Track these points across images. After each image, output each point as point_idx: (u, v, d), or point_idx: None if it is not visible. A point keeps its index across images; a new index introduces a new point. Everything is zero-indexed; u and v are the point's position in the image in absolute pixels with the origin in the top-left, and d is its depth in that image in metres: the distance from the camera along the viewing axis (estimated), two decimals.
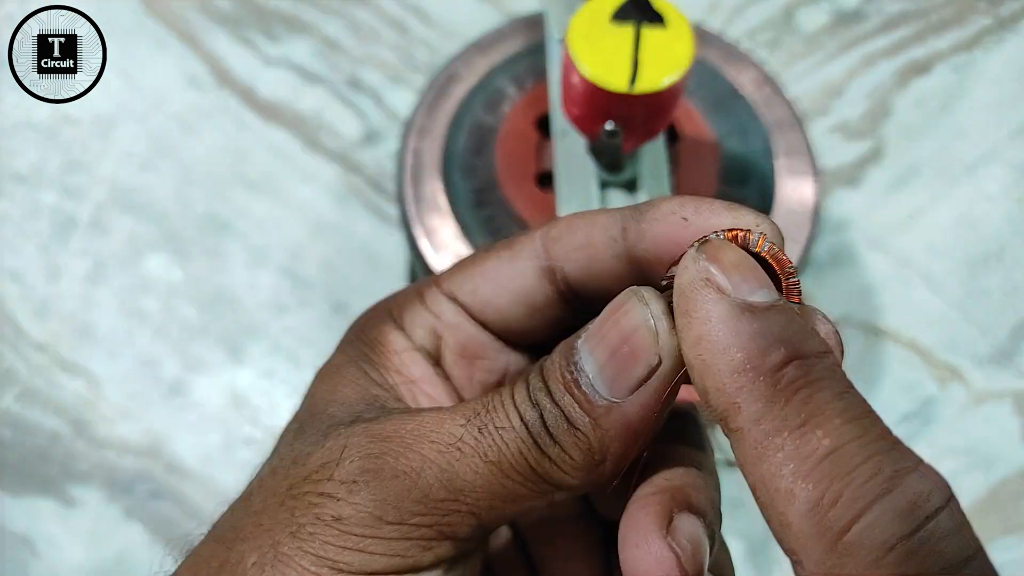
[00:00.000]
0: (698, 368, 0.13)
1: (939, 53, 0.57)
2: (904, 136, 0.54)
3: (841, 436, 0.12)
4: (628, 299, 0.15)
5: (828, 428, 0.12)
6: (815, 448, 0.12)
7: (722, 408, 0.13)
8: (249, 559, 0.16)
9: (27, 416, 0.46)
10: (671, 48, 0.27)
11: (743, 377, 0.13)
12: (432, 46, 0.57)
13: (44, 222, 0.51)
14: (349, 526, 0.16)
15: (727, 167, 0.36)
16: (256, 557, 0.16)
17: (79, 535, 0.43)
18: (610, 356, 0.15)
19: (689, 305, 0.13)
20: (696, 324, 0.13)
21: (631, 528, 0.16)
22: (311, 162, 0.53)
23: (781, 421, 0.12)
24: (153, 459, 0.45)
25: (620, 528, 0.16)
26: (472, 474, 0.16)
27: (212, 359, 0.47)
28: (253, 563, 0.16)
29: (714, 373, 0.13)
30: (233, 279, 0.49)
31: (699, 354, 0.13)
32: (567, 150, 0.33)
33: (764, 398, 0.12)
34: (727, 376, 0.13)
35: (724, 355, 0.13)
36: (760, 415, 0.12)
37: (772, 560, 0.43)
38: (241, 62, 0.55)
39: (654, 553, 0.15)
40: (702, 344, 0.13)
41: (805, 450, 0.12)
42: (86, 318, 0.48)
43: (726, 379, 0.13)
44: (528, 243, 0.19)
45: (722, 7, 0.58)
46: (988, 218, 0.51)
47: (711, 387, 0.13)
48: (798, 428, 0.12)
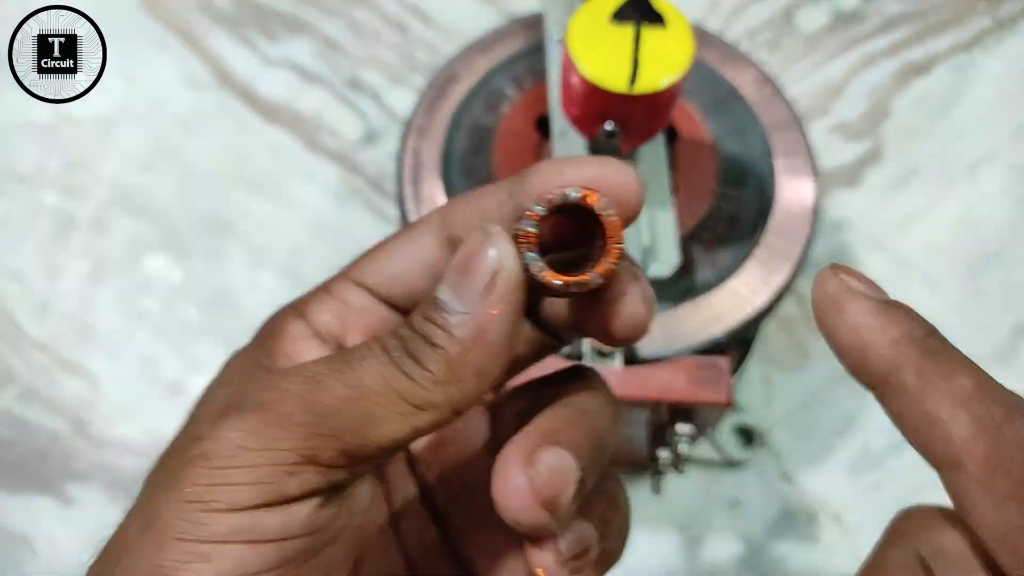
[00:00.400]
0: (857, 345, 0.18)
1: (938, 54, 0.57)
2: (903, 136, 0.54)
3: (978, 377, 0.17)
4: (475, 232, 0.17)
5: (967, 372, 0.17)
6: (964, 386, 0.16)
7: (886, 370, 0.17)
8: (133, 527, 0.17)
9: (27, 415, 0.46)
10: (671, 49, 0.27)
11: (903, 346, 0.17)
12: (432, 46, 0.57)
13: (45, 222, 0.51)
14: (213, 460, 0.16)
15: (726, 167, 0.36)
16: (138, 523, 0.17)
17: (78, 534, 0.43)
18: (458, 274, 0.17)
19: (839, 304, 0.18)
20: (851, 315, 0.18)
21: (497, 464, 0.18)
22: (311, 162, 0.53)
23: (935, 372, 0.17)
24: (152, 458, 0.45)
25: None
26: (332, 398, 0.17)
27: (212, 359, 0.47)
28: (136, 528, 0.17)
29: (875, 346, 0.17)
30: (233, 279, 0.49)
31: (858, 335, 0.18)
32: (566, 150, 0.33)
33: (921, 358, 0.17)
34: (889, 347, 0.17)
35: (884, 333, 0.17)
36: (920, 369, 0.17)
37: (770, 560, 0.43)
38: (241, 62, 0.56)
39: (510, 482, 0.17)
40: (860, 330, 0.18)
41: (957, 388, 0.16)
42: (86, 318, 0.48)
43: (888, 350, 0.17)
44: (427, 220, 0.20)
45: (721, 7, 0.59)
46: (987, 218, 0.52)
47: (874, 357, 0.17)
48: (948, 375, 0.17)
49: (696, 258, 0.34)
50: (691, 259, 0.34)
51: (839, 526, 0.44)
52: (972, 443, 0.16)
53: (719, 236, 0.34)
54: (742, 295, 0.33)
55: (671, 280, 0.33)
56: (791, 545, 0.43)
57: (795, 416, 0.46)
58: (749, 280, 0.33)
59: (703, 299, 0.33)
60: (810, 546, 0.43)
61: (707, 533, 0.43)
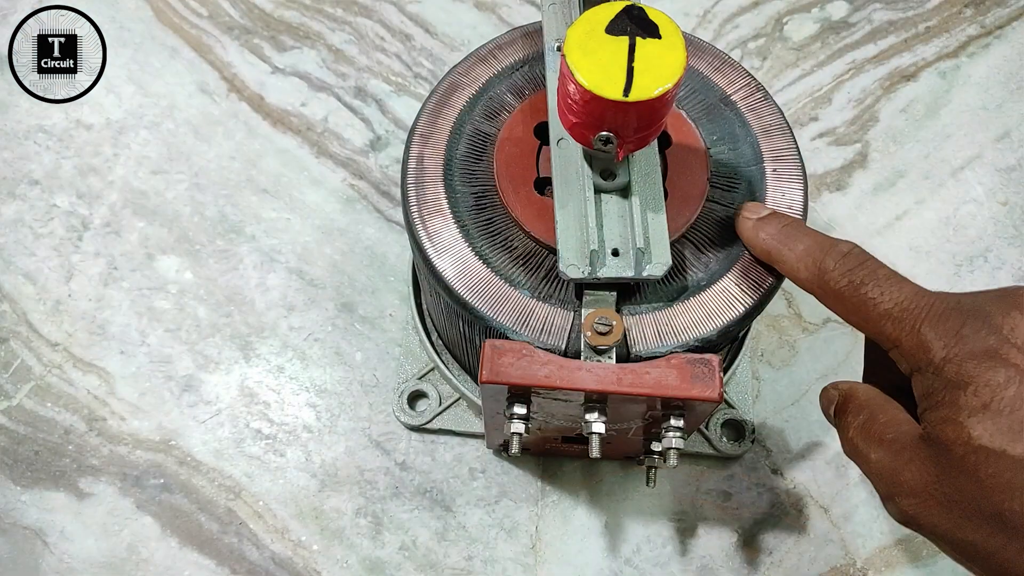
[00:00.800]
0: (752, 244, 0.34)
1: (925, 60, 0.57)
2: (891, 141, 0.55)
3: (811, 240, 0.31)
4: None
5: (803, 239, 0.32)
6: (801, 247, 0.32)
7: (768, 251, 0.33)
8: None
9: (40, 412, 0.46)
10: (664, 58, 0.28)
11: (771, 236, 0.33)
12: (435, 56, 0.58)
13: (58, 224, 0.51)
14: None
15: (717, 172, 0.36)
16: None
17: (91, 528, 0.43)
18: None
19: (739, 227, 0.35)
20: (744, 230, 0.34)
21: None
22: (319, 167, 0.53)
23: (786, 244, 0.32)
24: (165, 453, 0.45)
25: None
26: None
27: (223, 357, 0.48)
28: None
29: (758, 241, 0.33)
30: (243, 280, 0.50)
31: (750, 239, 0.34)
32: (563, 157, 0.34)
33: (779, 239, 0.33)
34: (765, 240, 0.33)
35: (760, 233, 0.34)
36: (778, 246, 0.32)
37: (760, 551, 0.44)
38: (250, 70, 0.56)
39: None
40: (749, 236, 0.34)
41: (798, 249, 0.31)
42: (99, 317, 0.49)
43: (764, 241, 0.33)
44: None
45: (714, 17, 0.59)
46: (973, 220, 0.52)
47: (758, 246, 0.33)
48: (793, 244, 0.32)
49: (688, 259, 0.35)
50: (683, 260, 0.34)
51: (827, 518, 0.44)
52: (806, 273, 0.30)
53: (711, 238, 0.35)
54: (733, 295, 0.33)
55: (664, 280, 0.34)
56: (781, 536, 0.44)
57: (784, 411, 0.47)
58: (740, 280, 0.34)
59: (695, 299, 0.33)
60: (799, 537, 0.44)
61: (699, 525, 0.44)
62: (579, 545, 0.44)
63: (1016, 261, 0.51)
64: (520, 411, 0.32)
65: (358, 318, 0.49)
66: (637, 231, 0.32)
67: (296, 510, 0.44)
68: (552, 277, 0.34)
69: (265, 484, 0.45)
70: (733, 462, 0.45)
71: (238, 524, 0.44)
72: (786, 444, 0.46)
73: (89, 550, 0.43)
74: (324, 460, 0.46)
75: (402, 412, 0.45)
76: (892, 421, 0.27)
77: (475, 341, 0.37)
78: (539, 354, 0.31)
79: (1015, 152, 0.55)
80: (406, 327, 0.48)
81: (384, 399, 0.47)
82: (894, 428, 0.27)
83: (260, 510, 0.44)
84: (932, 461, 0.25)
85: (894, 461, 0.26)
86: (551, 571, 0.43)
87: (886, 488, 0.27)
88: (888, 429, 0.27)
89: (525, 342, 0.31)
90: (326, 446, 0.46)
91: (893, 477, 0.26)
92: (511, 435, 0.33)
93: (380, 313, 0.49)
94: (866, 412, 0.28)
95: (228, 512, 0.44)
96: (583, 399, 0.31)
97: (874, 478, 0.27)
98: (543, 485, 0.45)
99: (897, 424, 0.27)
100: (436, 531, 0.44)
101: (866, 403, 0.28)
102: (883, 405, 0.28)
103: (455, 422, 0.45)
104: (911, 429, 0.27)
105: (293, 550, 0.43)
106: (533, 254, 0.35)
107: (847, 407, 0.29)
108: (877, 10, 0.59)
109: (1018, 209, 0.53)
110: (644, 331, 0.33)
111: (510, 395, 0.32)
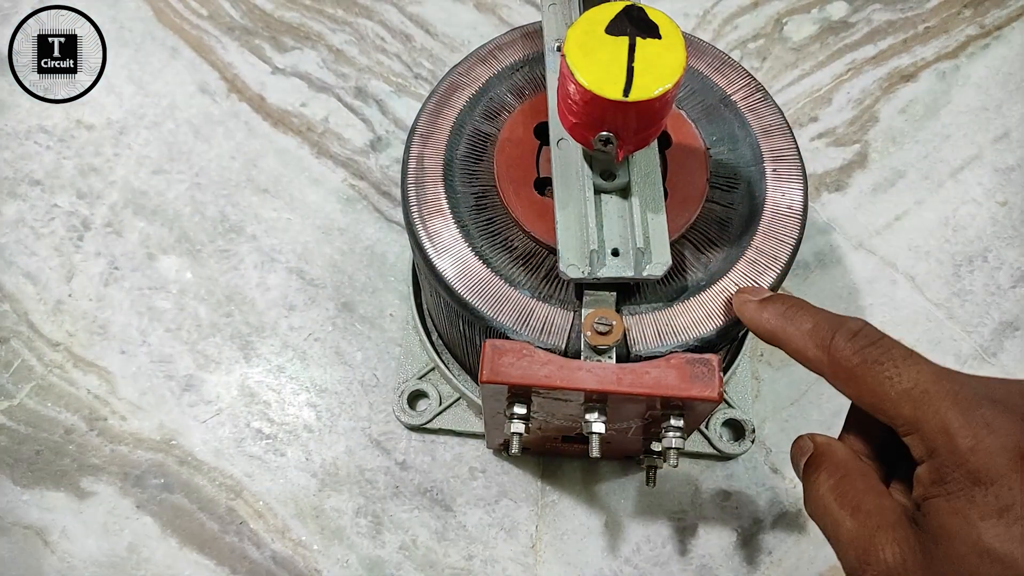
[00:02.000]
0: (755, 327, 0.31)
1: (925, 61, 0.57)
2: (890, 141, 0.55)
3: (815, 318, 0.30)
4: None
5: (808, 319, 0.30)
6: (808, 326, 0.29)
7: (771, 332, 0.31)
8: None
9: (41, 411, 0.46)
10: (664, 58, 0.27)
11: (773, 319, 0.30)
12: (435, 56, 0.58)
13: (59, 224, 0.51)
14: None
15: (717, 173, 0.36)
16: None
17: (92, 527, 0.43)
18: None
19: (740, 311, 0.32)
20: (747, 313, 0.32)
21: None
22: (319, 167, 0.53)
23: (792, 324, 0.30)
24: (165, 453, 0.45)
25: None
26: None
27: (223, 357, 0.48)
28: None
29: (762, 323, 0.31)
30: (244, 280, 0.50)
31: (753, 322, 0.31)
32: (563, 157, 0.34)
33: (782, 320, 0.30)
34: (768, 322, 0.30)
35: (764, 316, 0.31)
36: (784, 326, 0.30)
37: (760, 550, 0.44)
38: (251, 71, 0.56)
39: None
40: (754, 319, 0.31)
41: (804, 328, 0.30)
42: (100, 317, 0.49)
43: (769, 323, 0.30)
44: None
45: (714, 18, 0.60)
46: (972, 220, 0.52)
47: (763, 329, 0.31)
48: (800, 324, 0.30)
49: (688, 259, 0.35)
50: (683, 260, 0.34)
51: None
52: (815, 352, 0.28)
53: (710, 238, 0.35)
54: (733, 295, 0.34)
55: (664, 280, 0.34)
56: (780, 535, 0.44)
57: (783, 411, 0.47)
58: (739, 281, 0.34)
59: (695, 299, 0.33)
60: (799, 537, 0.44)
61: (699, 524, 0.44)
62: (579, 545, 0.44)
63: (1015, 261, 0.51)
64: (520, 411, 0.32)
65: (358, 318, 0.49)
66: (637, 231, 0.32)
67: (296, 509, 0.44)
68: (552, 277, 0.34)
69: (265, 484, 0.45)
70: (733, 462, 0.46)
71: (238, 523, 0.44)
72: (786, 444, 0.46)
73: (90, 549, 0.43)
74: (324, 460, 0.46)
75: (402, 412, 0.46)
76: (871, 490, 0.26)
77: (475, 341, 0.37)
78: (539, 354, 0.31)
79: (1014, 152, 0.55)
80: (406, 327, 0.48)
81: (384, 399, 0.47)
82: (874, 499, 0.26)
83: (260, 509, 0.44)
84: (920, 547, 0.24)
85: (873, 534, 0.25)
86: (551, 571, 0.43)
87: (856, 559, 0.25)
88: (867, 498, 0.26)
89: (525, 342, 0.31)
90: (326, 446, 0.46)
91: (868, 550, 0.25)
92: (511, 435, 0.33)
93: (380, 313, 0.49)
94: (842, 474, 0.27)
95: (228, 511, 0.44)
96: (583, 399, 0.32)
97: (843, 546, 0.26)
98: (543, 485, 0.45)
99: (877, 495, 0.26)
100: (436, 531, 0.44)
101: (843, 464, 0.27)
102: (862, 470, 0.27)
103: (455, 422, 0.45)
104: (892, 505, 0.25)
105: (293, 549, 0.44)
106: (533, 254, 0.35)
107: (821, 463, 0.28)
108: (876, 11, 0.59)
109: (1017, 209, 0.53)
110: (644, 331, 0.33)
111: (510, 395, 0.32)
